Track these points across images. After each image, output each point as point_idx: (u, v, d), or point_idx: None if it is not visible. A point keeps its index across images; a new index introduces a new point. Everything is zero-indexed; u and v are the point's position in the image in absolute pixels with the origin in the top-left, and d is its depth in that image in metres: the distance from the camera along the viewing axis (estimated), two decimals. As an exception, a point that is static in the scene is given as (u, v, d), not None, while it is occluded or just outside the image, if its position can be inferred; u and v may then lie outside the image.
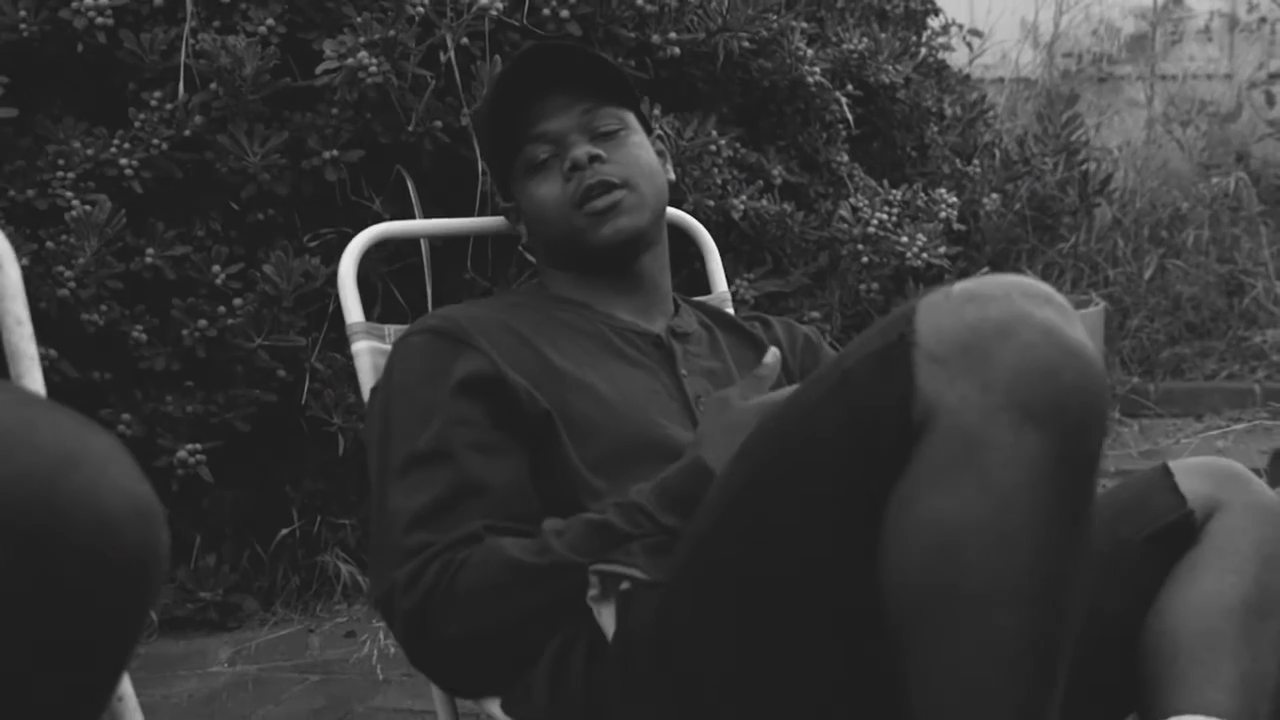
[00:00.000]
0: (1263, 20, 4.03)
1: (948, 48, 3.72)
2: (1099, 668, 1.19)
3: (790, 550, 0.98)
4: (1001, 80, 4.03)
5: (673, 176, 1.48)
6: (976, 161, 3.13)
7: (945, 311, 0.90)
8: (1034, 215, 3.53)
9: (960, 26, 3.64)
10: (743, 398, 1.19)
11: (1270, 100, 3.74)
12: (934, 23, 3.41)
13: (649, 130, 1.45)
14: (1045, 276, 3.61)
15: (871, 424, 0.92)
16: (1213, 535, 1.19)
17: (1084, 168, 3.67)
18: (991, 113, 3.83)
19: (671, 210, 1.61)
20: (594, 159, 1.34)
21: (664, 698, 1.07)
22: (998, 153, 3.34)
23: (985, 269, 3.19)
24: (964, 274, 3.34)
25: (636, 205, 1.36)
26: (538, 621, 1.14)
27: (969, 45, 3.79)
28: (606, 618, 1.10)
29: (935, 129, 3.07)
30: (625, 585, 1.10)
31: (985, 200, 3.03)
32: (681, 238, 1.70)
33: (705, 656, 1.05)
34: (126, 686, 1.28)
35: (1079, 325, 0.92)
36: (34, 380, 1.23)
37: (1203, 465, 1.25)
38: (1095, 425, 0.90)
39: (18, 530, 0.89)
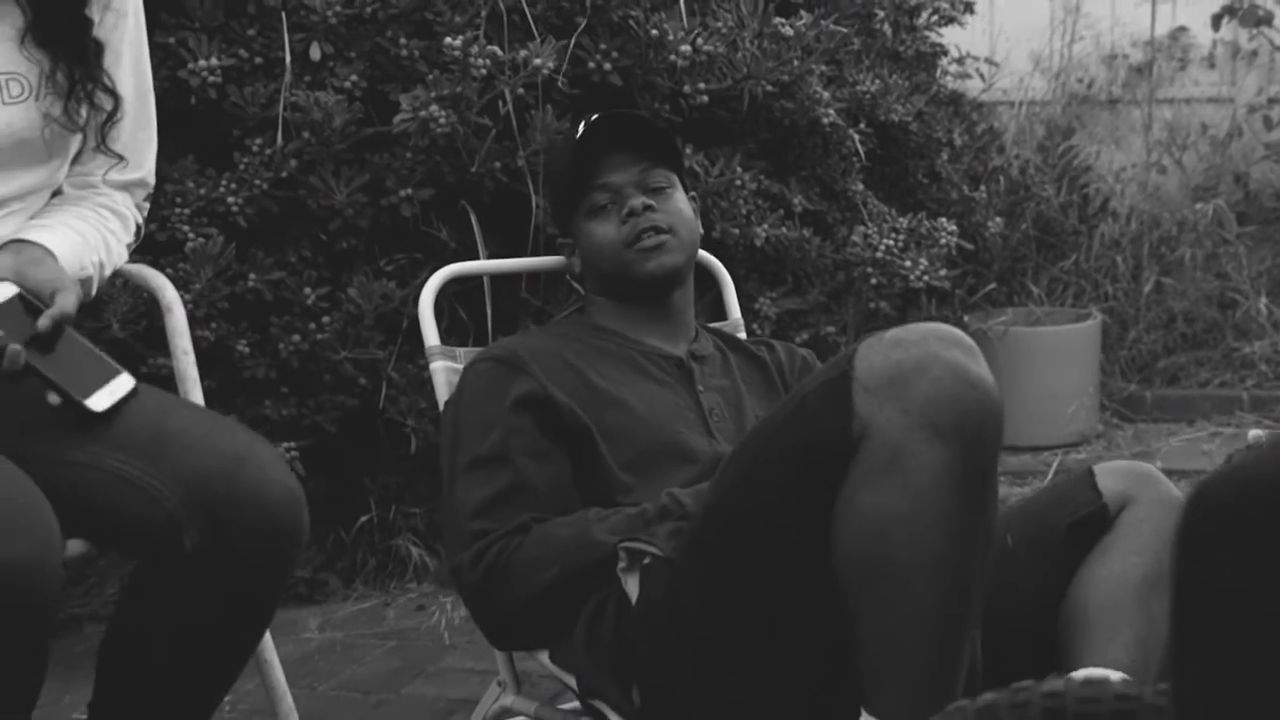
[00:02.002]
0: (1254, 54, 4.25)
1: (965, 75, 4.00)
2: (1029, 632, 1.43)
3: (766, 536, 1.26)
4: (1013, 105, 4.29)
5: (702, 230, 1.79)
6: (983, 188, 3.41)
7: (877, 353, 1.19)
8: (1039, 235, 3.81)
9: (975, 58, 3.91)
10: None
11: (1269, 124, 3.96)
12: (949, 55, 3.68)
13: (688, 189, 1.76)
14: (1050, 292, 3.87)
15: (821, 438, 1.20)
16: (1123, 524, 1.43)
17: (1084, 191, 3.93)
18: (1006, 135, 4.11)
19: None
20: (647, 208, 1.64)
21: (678, 652, 1.33)
22: (1003, 179, 3.62)
23: (992, 285, 3.48)
24: (973, 290, 3.62)
25: (677, 248, 1.66)
26: (576, 587, 1.40)
27: (981, 76, 4.05)
28: (631, 585, 1.37)
29: (945, 157, 3.35)
30: (647, 560, 1.36)
31: (990, 224, 3.31)
32: (708, 272, 2.03)
33: (709, 620, 1.31)
34: (266, 636, 1.62)
35: (982, 362, 1.19)
36: (197, 397, 1.58)
37: (1121, 467, 1.50)
38: (990, 440, 1.17)
39: (208, 511, 1.24)
